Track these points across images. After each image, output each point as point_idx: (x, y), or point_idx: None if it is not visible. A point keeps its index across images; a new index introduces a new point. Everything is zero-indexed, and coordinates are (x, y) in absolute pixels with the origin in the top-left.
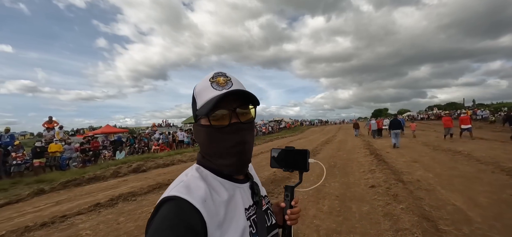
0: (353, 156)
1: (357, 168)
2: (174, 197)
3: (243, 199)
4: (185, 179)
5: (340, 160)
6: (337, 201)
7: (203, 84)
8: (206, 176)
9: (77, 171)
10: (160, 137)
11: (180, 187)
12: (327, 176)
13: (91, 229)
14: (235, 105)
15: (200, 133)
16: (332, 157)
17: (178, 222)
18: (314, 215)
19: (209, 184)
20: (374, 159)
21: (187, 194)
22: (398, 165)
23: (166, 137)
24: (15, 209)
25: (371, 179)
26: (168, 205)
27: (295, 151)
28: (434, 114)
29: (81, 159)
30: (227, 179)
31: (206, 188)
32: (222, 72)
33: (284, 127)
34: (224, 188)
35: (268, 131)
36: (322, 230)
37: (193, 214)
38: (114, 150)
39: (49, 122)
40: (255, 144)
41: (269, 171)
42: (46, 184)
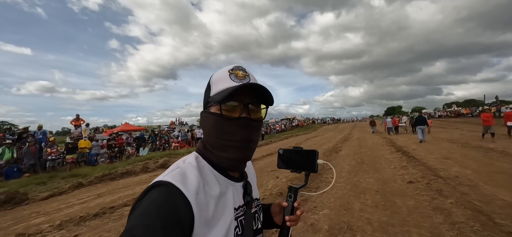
0: (378, 153)
1: (386, 165)
2: (167, 182)
3: (234, 198)
4: (182, 165)
5: (366, 157)
6: (378, 195)
7: (221, 74)
8: (202, 167)
9: (106, 166)
10: (179, 134)
11: (176, 173)
12: (358, 172)
13: None
14: (248, 100)
15: (208, 120)
16: (356, 154)
17: (167, 211)
18: (360, 208)
19: (204, 176)
20: (402, 155)
21: (181, 182)
22: (430, 162)
23: (185, 134)
24: (60, 201)
25: (406, 175)
26: (159, 190)
27: (303, 151)
28: (452, 111)
29: (108, 155)
30: (222, 174)
31: (200, 180)
32: (242, 67)
33: (297, 125)
34: (218, 183)
35: (281, 129)
36: (375, 223)
37: (183, 205)
38: (138, 147)
39: (76, 120)
40: (270, 141)
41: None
42: (80, 178)
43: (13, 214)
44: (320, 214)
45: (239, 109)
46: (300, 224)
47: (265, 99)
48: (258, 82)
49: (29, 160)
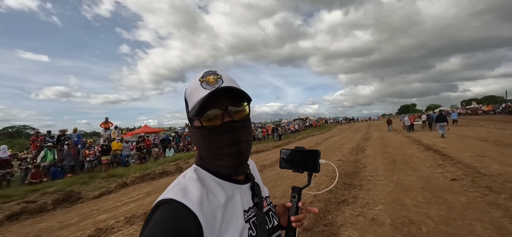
0: (407, 152)
1: (421, 163)
2: (169, 200)
3: (243, 201)
4: (182, 181)
5: (396, 156)
6: (426, 192)
7: (193, 85)
8: (203, 178)
9: (139, 167)
10: None
11: (177, 189)
12: (395, 170)
13: None
14: (227, 103)
15: (194, 135)
16: (384, 153)
17: (172, 228)
18: (413, 204)
19: (207, 186)
20: (434, 154)
21: (183, 196)
22: (466, 160)
23: None
24: (113, 199)
25: (446, 173)
26: (162, 209)
27: (305, 151)
28: (472, 109)
29: (138, 156)
30: (226, 180)
31: (203, 190)
32: (213, 70)
33: (310, 125)
34: (223, 189)
35: (295, 129)
36: (435, 217)
37: (188, 218)
38: (164, 148)
39: (106, 123)
40: (288, 141)
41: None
42: (118, 178)
43: (75, 212)
44: (376, 210)
45: (220, 116)
46: (361, 218)
47: (244, 97)
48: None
49: (70, 161)
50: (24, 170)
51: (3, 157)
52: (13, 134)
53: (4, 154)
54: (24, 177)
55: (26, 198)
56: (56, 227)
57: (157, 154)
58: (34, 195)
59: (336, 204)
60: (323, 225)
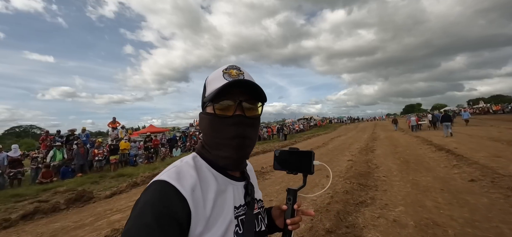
0: (418, 152)
1: (435, 164)
2: (162, 181)
3: (235, 197)
4: (178, 164)
5: (408, 156)
6: (445, 193)
7: (216, 74)
8: (200, 166)
9: (147, 166)
10: None
11: (171, 172)
12: (409, 171)
13: None
14: (242, 98)
15: (204, 120)
16: (395, 153)
17: (161, 208)
18: (434, 206)
19: (202, 175)
20: (447, 154)
21: (176, 180)
22: (481, 160)
23: None
24: (126, 199)
25: (463, 174)
26: (154, 189)
27: (299, 152)
28: (480, 108)
29: (145, 155)
30: (221, 173)
31: (196, 178)
32: (237, 65)
33: (315, 125)
34: (216, 181)
35: (299, 129)
36: (459, 219)
37: (179, 202)
38: (171, 148)
39: (113, 122)
40: (294, 141)
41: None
42: (127, 177)
43: (88, 211)
44: (397, 211)
45: (233, 108)
46: (382, 220)
47: (259, 96)
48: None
49: (79, 161)
50: (35, 169)
51: (14, 156)
52: (20, 133)
53: (15, 153)
54: (35, 176)
55: (38, 197)
56: (71, 227)
57: (164, 153)
58: (46, 194)
59: (354, 205)
60: (345, 227)
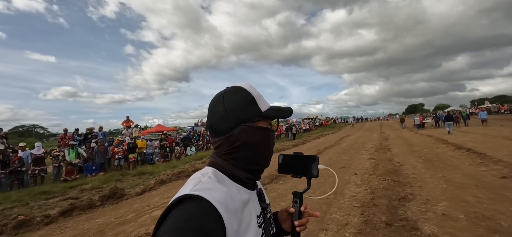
0: (437, 150)
1: (458, 162)
2: (197, 196)
3: (254, 207)
4: (203, 179)
5: (428, 155)
6: (482, 189)
7: (256, 92)
8: (223, 180)
9: (166, 164)
10: None
11: (201, 187)
12: (436, 169)
13: None
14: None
15: (256, 134)
16: (412, 152)
17: (199, 225)
18: (476, 200)
19: (228, 189)
20: (468, 153)
21: (210, 195)
22: (505, 158)
23: None
24: (158, 196)
25: (493, 171)
26: (189, 204)
27: (304, 157)
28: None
29: (161, 154)
30: (241, 185)
31: (226, 192)
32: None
33: (320, 125)
34: (240, 194)
35: (305, 128)
36: (506, 212)
37: (215, 219)
38: (185, 146)
39: (127, 121)
40: (304, 141)
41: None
42: (148, 175)
43: (125, 208)
44: (442, 206)
45: (273, 125)
46: (431, 214)
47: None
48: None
49: (100, 159)
50: (57, 167)
51: (38, 154)
52: (24, 132)
53: (39, 151)
54: (57, 174)
55: (67, 194)
56: (115, 223)
57: (180, 152)
58: (73, 191)
59: (398, 200)
60: (399, 219)
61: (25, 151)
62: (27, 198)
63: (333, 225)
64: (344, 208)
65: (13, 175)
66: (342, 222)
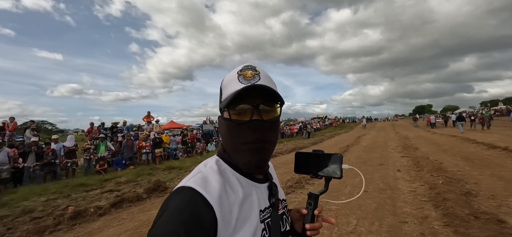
0: (469, 150)
1: (501, 161)
2: (189, 188)
3: (259, 200)
4: (203, 169)
5: (464, 154)
6: None
7: (230, 76)
8: (224, 170)
9: (190, 159)
10: None
11: (197, 178)
12: (481, 167)
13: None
14: (259, 101)
15: (222, 126)
16: (442, 151)
17: (189, 216)
18: None
19: (227, 180)
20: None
21: (203, 187)
22: None
23: None
24: None
25: None
26: (182, 196)
27: (325, 155)
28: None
29: (183, 149)
30: (245, 177)
31: (222, 184)
32: (252, 65)
33: (329, 124)
34: (241, 185)
35: (316, 127)
36: None
37: (206, 209)
38: (206, 142)
39: (148, 117)
40: (321, 139)
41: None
42: (178, 170)
43: None
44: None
45: (250, 112)
46: (506, 208)
47: (277, 98)
48: (273, 79)
49: (128, 153)
50: (88, 160)
51: (70, 146)
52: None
53: (71, 143)
54: (87, 167)
55: (105, 187)
56: None
57: (202, 148)
58: (109, 184)
59: (463, 195)
60: (479, 213)
61: (57, 143)
62: (67, 190)
63: (410, 218)
64: (411, 202)
65: (47, 167)
66: (418, 215)
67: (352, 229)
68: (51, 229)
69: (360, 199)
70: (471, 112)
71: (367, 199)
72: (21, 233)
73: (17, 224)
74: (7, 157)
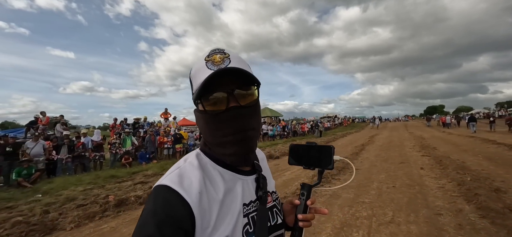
0: (490, 150)
1: None
2: (164, 186)
3: (244, 193)
4: (182, 165)
5: (485, 154)
6: None
7: (197, 65)
8: (205, 165)
9: None
10: None
11: (174, 175)
12: (507, 167)
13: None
14: (234, 86)
15: (198, 119)
16: (462, 151)
17: (164, 217)
18: None
19: (207, 175)
20: None
21: (179, 184)
22: None
23: None
24: None
25: None
26: (157, 196)
27: (318, 146)
28: None
29: None
30: (229, 169)
31: (201, 179)
32: (220, 48)
33: (340, 123)
34: (223, 179)
35: (327, 127)
36: None
37: (181, 208)
38: None
39: (165, 113)
40: (333, 138)
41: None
42: None
43: None
44: None
45: (225, 100)
46: None
47: (253, 79)
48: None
49: (151, 148)
50: (114, 154)
51: (98, 140)
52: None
53: (98, 137)
54: (113, 160)
55: (135, 179)
56: None
57: None
58: (138, 176)
59: (494, 192)
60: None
61: (86, 137)
62: (100, 181)
63: (444, 211)
64: (442, 197)
65: (77, 159)
66: (451, 209)
67: (390, 219)
68: (99, 214)
69: (392, 193)
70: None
71: (397, 193)
72: (73, 218)
73: (65, 210)
74: (42, 148)
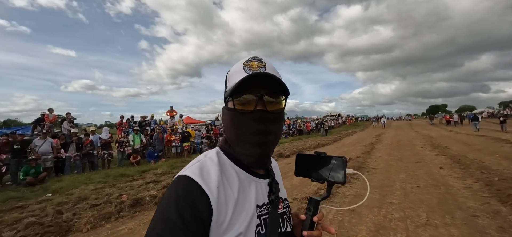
0: (504, 149)
1: None
2: (186, 177)
3: (258, 195)
4: (202, 159)
5: (503, 153)
6: None
7: (236, 67)
8: (223, 162)
9: None
10: None
11: (195, 168)
12: None
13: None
14: (264, 92)
15: (226, 116)
16: (475, 150)
17: (185, 205)
18: None
19: (224, 171)
20: None
21: (200, 176)
22: None
23: None
24: None
25: None
26: (178, 185)
27: (328, 157)
28: None
29: (208, 144)
30: (245, 170)
31: (219, 174)
32: (259, 57)
33: (343, 122)
34: (238, 178)
35: (330, 125)
36: None
37: (202, 199)
38: None
39: (171, 111)
40: (339, 136)
41: None
42: None
43: None
44: None
45: (254, 102)
46: None
47: (282, 89)
48: (281, 76)
49: (158, 146)
50: (122, 152)
51: (106, 138)
52: None
53: (106, 135)
54: (121, 159)
55: (145, 178)
56: None
57: None
58: (148, 175)
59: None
60: None
61: (94, 135)
62: (111, 180)
63: (479, 212)
64: (472, 198)
65: (86, 157)
66: (487, 210)
67: (425, 221)
68: (115, 215)
69: (418, 194)
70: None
71: (424, 194)
72: (88, 218)
73: (79, 211)
74: (51, 146)
